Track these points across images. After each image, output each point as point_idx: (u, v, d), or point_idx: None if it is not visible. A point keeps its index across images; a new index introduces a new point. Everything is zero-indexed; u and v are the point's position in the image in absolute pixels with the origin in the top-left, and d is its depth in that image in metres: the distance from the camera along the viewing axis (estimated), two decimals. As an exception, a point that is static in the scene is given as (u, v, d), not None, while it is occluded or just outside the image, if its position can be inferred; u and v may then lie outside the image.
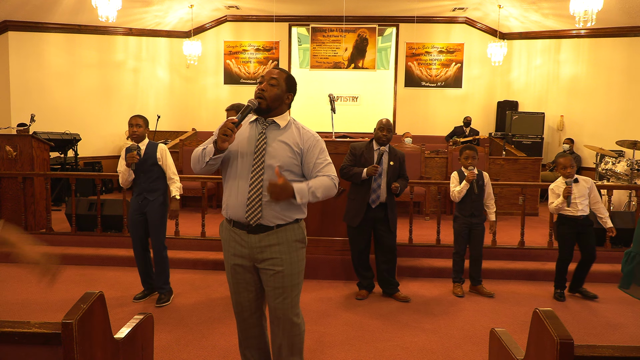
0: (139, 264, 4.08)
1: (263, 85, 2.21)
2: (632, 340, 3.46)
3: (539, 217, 7.25)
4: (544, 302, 4.22)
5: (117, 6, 7.41)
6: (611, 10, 8.06)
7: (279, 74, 2.25)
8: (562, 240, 4.27)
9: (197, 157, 2.20)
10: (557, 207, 4.16)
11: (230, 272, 2.31)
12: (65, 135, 7.99)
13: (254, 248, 2.22)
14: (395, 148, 4.21)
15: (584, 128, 9.39)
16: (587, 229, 4.19)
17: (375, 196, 4.04)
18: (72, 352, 1.53)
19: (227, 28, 10.87)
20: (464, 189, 4.20)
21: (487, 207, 4.36)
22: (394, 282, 4.23)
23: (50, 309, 3.85)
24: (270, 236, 2.21)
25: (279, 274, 2.22)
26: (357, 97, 10.91)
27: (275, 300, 2.25)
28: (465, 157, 4.26)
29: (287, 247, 2.24)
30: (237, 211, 2.19)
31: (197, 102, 11.01)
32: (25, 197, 5.55)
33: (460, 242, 4.34)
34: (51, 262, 1.96)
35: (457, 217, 4.35)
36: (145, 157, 3.89)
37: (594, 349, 1.56)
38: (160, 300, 4.00)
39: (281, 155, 2.20)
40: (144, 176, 3.91)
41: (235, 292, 2.33)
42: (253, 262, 2.25)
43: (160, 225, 3.99)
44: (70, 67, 9.40)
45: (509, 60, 10.26)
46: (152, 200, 3.93)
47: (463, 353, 3.18)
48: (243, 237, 2.22)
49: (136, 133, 3.89)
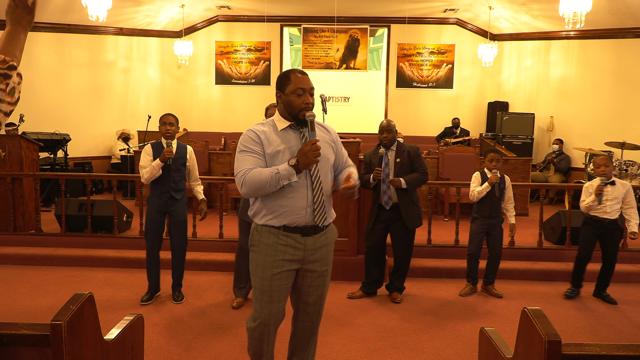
0: (154, 264, 4.05)
1: (307, 97, 2.22)
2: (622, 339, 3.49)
3: (529, 217, 7.30)
4: (534, 301, 4.26)
5: (107, 5, 7.36)
6: (600, 12, 8.14)
7: (311, 82, 2.28)
8: (584, 239, 4.26)
9: (267, 183, 2.12)
10: (587, 205, 4.13)
11: (272, 281, 2.23)
12: (55, 135, 7.93)
13: (308, 250, 2.26)
14: (405, 144, 4.16)
15: (573, 129, 9.47)
16: (612, 232, 4.16)
17: (386, 197, 4.03)
18: (61, 353, 1.52)
19: (219, 28, 10.84)
20: (485, 190, 4.21)
21: (507, 210, 4.35)
22: (399, 287, 4.24)
23: (40, 311, 3.81)
24: (322, 237, 2.30)
25: (324, 272, 2.34)
26: (348, 97, 10.93)
27: (315, 298, 2.35)
28: (489, 159, 4.28)
29: (331, 247, 2.38)
30: (300, 217, 2.20)
31: (188, 102, 10.97)
32: (14, 198, 5.50)
33: (475, 242, 4.34)
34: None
35: (475, 218, 4.35)
36: (176, 155, 3.90)
37: (581, 347, 1.58)
38: (178, 297, 4.07)
39: (327, 154, 2.28)
40: (173, 175, 3.90)
41: (275, 300, 2.25)
42: (302, 264, 2.28)
43: (186, 225, 4.08)
44: (60, 66, 9.33)
45: (499, 61, 10.33)
46: (179, 200, 3.96)
47: (453, 352, 3.20)
48: (298, 240, 2.23)
49: (169, 131, 3.90)
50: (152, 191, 3.97)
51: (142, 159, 3.87)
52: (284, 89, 2.24)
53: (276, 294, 2.25)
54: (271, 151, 2.20)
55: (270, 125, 2.27)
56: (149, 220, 3.98)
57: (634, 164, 7.02)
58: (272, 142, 2.21)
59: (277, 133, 2.24)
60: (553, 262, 5.06)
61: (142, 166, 3.86)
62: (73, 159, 8.88)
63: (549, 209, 7.07)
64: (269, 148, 2.20)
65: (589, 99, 9.33)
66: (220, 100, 10.96)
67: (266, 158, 2.21)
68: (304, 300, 2.36)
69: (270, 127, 2.26)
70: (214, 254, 5.11)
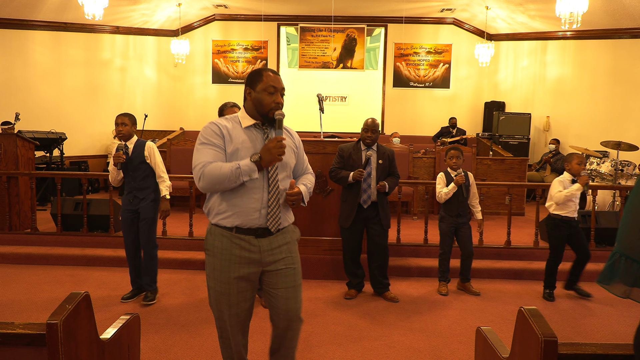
0: (130, 263, 4.05)
1: (279, 97, 2.18)
2: (615, 338, 3.51)
3: (525, 216, 7.32)
4: (530, 300, 4.27)
5: (103, 4, 7.35)
6: (596, 13, 8.17)
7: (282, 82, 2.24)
8: (557, 242, 4.30)
9: (227, 178, 2.05)
10: (570, 193, 4.13)
11: (231, 283, 2.15)
12: (51, 134, 7.90)
13: (264, 251, 2.16)
14: (384, 146, 4.22)
15: (569, 129, 9.51)
16: (577, 229, 4.26)
17: (366, 196, 4.05)
18: (57, 353, 1.51)
19: (216, 27, 10.82)
20: (452, 191, 4.23)
21: (473, 206, 4.39)
22: (384, 282, 4.25)
23: (35, 310, 3.80)
24: (279, 237, 2.20)
25: (295, 271, 2.24)
26: (345, 97, 10.93)
27: (289, 300, 2.20)
28: (450, 157, 4.30)
29: (294, 246, 2.28)
30: (251, 219, 2.12)
31: (185, 101, 10.95)
32: (10, 197, 5.47)
33: (446, 242, 4.36)
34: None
35: (443, 217, 4.37)
36: (133, 155, 3.88)
37: (577, 346, 1.59)
38: (147, 298, 3.98)
39: (289, 158, 2.23)
40: (132, 174, 3.90)
41: (234, 303, 2.17)
42: (261, 266, 2.18)
43: (152, 224, 3.98)
44: (56, 65, 9.30)
45: (496, 61, 10.35)
46: (143, 199, 3.93)
47: (449, 351, 3.20)
48: (252, 242, 2.14)
49: (122, 132, 3.87)
50: (123, 191, 4.04)
51: (110, 162, 3.93)
52: (255, 86, 2.17)
53: (235, 297, 2.16)
54: (232, 148, 2.12)
55: (235, 122, 2.20)
56: (122, 219, 4.01)
57: (630, 164, 7.04)
58: (234, 139, 2.13)
59: (240, 130, 2.17)
60: (549, 262, 5.06)
61: (109, 169, 3.93)
62: (69, 158, 8.86)
63: (545, 209, 7.08)
64: (230, 145, 2.12)
65: (585, 99, 9.36)
66: (217, 99, 10.93)
67: (226, 154, 2.13)
68: (275, 304, 2.22)
69: (233, 123, 2.19)
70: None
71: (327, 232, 4.66)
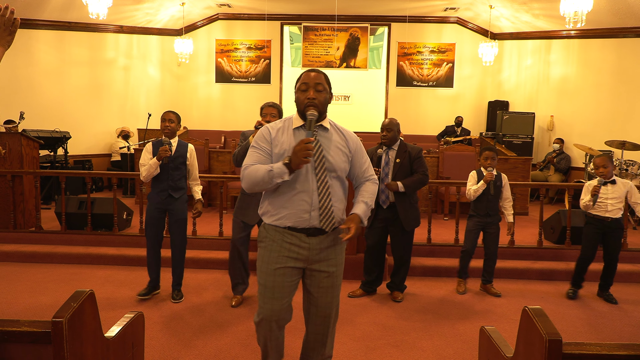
0: (153, 261, 4.05)
1: (311, 93, 2.18)
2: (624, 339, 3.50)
3: (529, 216, 7.30)
4: (534, 300, 4.26)
5: (107, 3, 7.36)
6: (601, 12, 8.14)
7: (321, 78, 2.21)
8: (586, 239, 4.25)
9: (262, 180, 2.12)
10: (585, 204, 4.15)
11: (275, 277, 2.23)
12: (55, 133, 7.92)
13: (313, 250, 2.23)
14: (408, 144, 4.12)
15: (573, 128, 9.47)
16: (615, 232, 4.14)
17: (384, 197, 4.01)
18: (62, 350, 1.52)
19: (219, 26, 10.83)
20: (481, 188, 4.20)
21: (505, 208, 4.33)
22: (400, 286, 4.24)
23: (40, 308, 3.82)
24: (328, 238, 2.26)
25: (332, 274, 2.28)
26: (349, 96, 10.92)
27: (325, 298, 2.29)
28: (484, 157, 4.27)
29: (341, 249, 2.32)
30: (302, 220, 2.18)
31: (188, 100, 10.96)
32: (14, 196, 5.49)
33: (470, 239, 4.34)
34: None
35: (471, 216, 4.36)
36: (176, 154, 3.89)
37: (582, 346, 1.58)
38: (178, 296, 4.04)
39: (338, 160, 2.23)
40: (172, 173, 3.89)
41: (278, 297, 2.23)
42: (307, 264, 2.26)
43: (186, 224, 4.04)
44: (60, 64, 9.32)
45: (499, 60, 10.32)
46: (178, 199, 3.94)
47: (453, 351, 3.20)
48: (303, 239, 2.21)
49: (168, 128, 3.88)
50: (152, 188, 3.97)
51: (143, 156, 3.87)
52: (295, 86, 2.26)
53: (278, 290, 2.22)
54: (278, 150, 2.19)
55: (288, 123, 2.27)
56: (148, 217, 3.98)
57: (634, 164, 7.02)
58: (281, 141, 2.20)
59: (289, 132, 2.23)
60: (553, 262, 5.06)
61: (142, 164, 3.85)
62: (73, 157, 8.88)
63: (549, 209, 7.08)
64: (277, 147, 2.19)
65: (590, 98, 9.33)
66: (221, 99, 10.96)
67: (273, 157, 2.20)
68: (314, 303, 2.32)
69: (285, 125, 2.26)
70: (214, 252, 5.11)
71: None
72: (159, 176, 3.87)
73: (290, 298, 2.28)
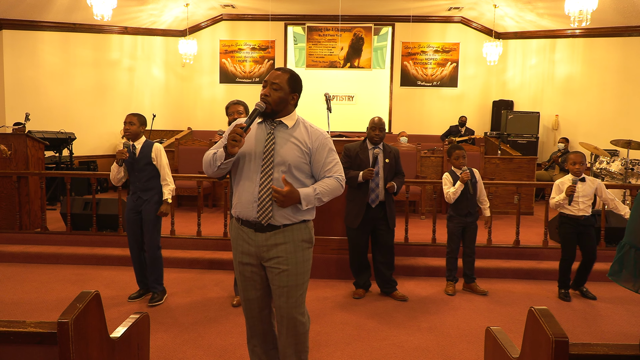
0: (134, 263, 4.07)
1: (266, 89, 2.21)
2: (626, 338, 3.48)
3: (534, 216, 7.27)
4: (540, 300, 4.24)
5: (112, 5, 7.39)
6: (606, 10, 8.10)
7: (280, 77, 2.23)
8: (564, 240, 4.26)
9: (209, 161, 2.23)
10: (557, 202, 4.16)
11: (238, 269, 2.34)
12: (60, 134, 7.96)
13: (260, 246, 2.23)
14: (389, 145, 4.20)
15: (578, 127, 9.43)
16: (588, 229, 4.18)
17: (374, 196, 4.04)
18: (68, 351, 1.52)
19: (223, 27, 10.85)
20: (459, 189, 4.20)
21: (481, 203, 4.36)
22: (392, 281, 4.24)
23: (46, 309, 3.83)
24: (277, 235, 2.23)
25: (283, 272, 2.24)
26: (353, 96, 10.92)
27: (280, 298, 2.27)
28: (455, 157, 4.27)
29: (293, 247, 2.26)
30: (247, 211, 2.21)
31: (192, 101, 10.99)
32: (20, 197, 5.52)
33: (454, 241, 4.34)
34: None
35: (452, 217, 4.35)
36: (140, 155, 3.88)
37: (589, 347, 1.57)
38: (153, 299, 3.97)
39: (290, 155, 2.21)
40: (138, 175, 3.90)
41: (244, 289, 2.34)
42: (259, 260, 2.27)
43: (155, 225, 3.97)
44: (65, 65, 9.36)
45: (504, 59, 10.29)
46: (147, 200, 3.92)
47: (458, 351, 3.19)
48: (250, 235, 2.24)
49: (129, 131, 3.88)
50: (127, 191, 4.04)
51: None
52: None
53: (243, 282, 2.33)
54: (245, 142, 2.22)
55: None
56: (125, 219, 4.04)
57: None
58: (248, 135, 2.23)
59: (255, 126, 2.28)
60: (558, 261, 5.02)
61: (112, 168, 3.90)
62: (78, 158, 8.91)
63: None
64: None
65: (595, 97, 9.29)
66: (225, 99, 10.93)
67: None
68: (274, 300, 2.32)
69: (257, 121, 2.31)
70: (219, 253, 5.11)
71: (335, 232, 4.65)
72: (130, 179, 3.95)
73: (257, 291, 2.33)
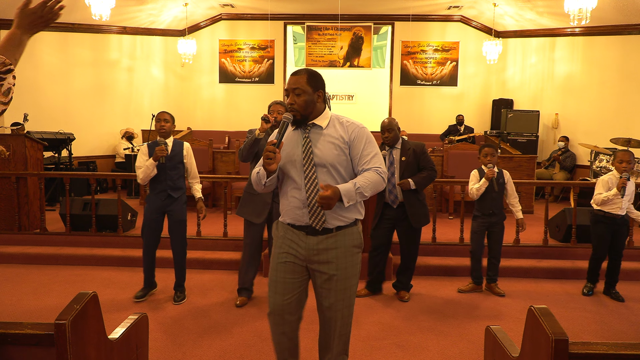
0: (149, 262, 4.04)
1: (290, 98, 2.19)
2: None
3: (534, 214, 7.26)
4: (540, 299, 4.23)
5: (110, 4, 7.37)
6: (605, 9, 8.09)
7: (299, 81, 2.19)
8: (598, 239, 4.23)
9: (256, 181, 2.26)
10: (605, 198, 4.06)
11: (278, 269, 2.25)
12: (59, 134, 7.95)
13: (311, 250, 2.20)
14: (411, 142, 4.10)
15: (578, 126, 9.42)
16: (622, 228, 4.17)
17: (393, 197, 3.99)
18: (66, 353, 1.52)
19: (222, 26, 10.84)
20: (483, 186, 4.17)
21: (512, 205, 4.30)
22: (406, 285, 4.23)
23: (44, 310, 3.82)
24: (329, 239, 2.20)
25: (332, 277, 2.21)
26: (352, 95, 10.91)
27: (328, 301, 2.24)
28: (484, 154, 4.23)
29: (344, 252, 2.22)
30: (298, 217, 2.20)
31: (192, 101, 10.97)
32: (19, 197, 5.51)
33: (476, 241, 4.31)
34: None
35: (476, 216, 4.31)
36: (172, 154, 3.87)
37: (588, 346, 1.57)
38: (179, 297, 4.02)
39: (328, 155, 2.18)
40: (170, 173, 3.86)
41: (281, 292, 2.24)
42: (307, 262, 2.24)
43: (185, 225, 4.01)
44: (63, 66, 9.35)
45: (504, 58, 10.28)
46: (177, 199, 3.91)
47: (458, 351, 3.18)
48: (302, 237, 2.22)
49: (164, 128, 3.87)
50: (150, 190, 3.96)
51: (138, 158, 3.86)
52: None
53: (280, 285, 2.24)
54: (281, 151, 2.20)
55: None
56: (146, 219, 3.96)
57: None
58: (287, 142, 2.23)
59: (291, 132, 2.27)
60: (558, 260, 5.03)
61: (138, 166, 3.84)
62: (77, 158, 8.90)
63: (554, 207, 7.03)
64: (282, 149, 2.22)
65: (594, 96, 9.27)
66: (224, 99, 10.96)
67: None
68: (319, 302, 2.30)
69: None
70: (218, 253, 5.11)
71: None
72: (157, 177, 3.85)
73: (293, 295, 2.25)
